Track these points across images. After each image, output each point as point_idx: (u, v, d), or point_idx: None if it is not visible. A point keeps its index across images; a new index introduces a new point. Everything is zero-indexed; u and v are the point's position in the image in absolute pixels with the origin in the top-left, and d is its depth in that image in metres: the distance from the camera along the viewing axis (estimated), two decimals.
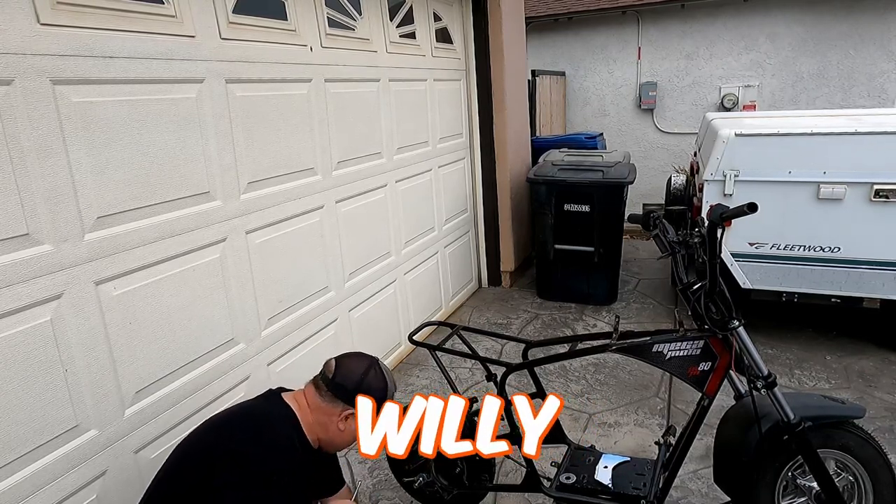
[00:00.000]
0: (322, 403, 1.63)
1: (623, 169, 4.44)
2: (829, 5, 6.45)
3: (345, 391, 1.63)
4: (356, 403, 1.61)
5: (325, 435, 1.66)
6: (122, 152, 1.91)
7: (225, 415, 1.67)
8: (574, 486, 2.03)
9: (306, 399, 1.66)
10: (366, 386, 1.65)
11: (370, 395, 1.63)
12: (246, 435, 1.52)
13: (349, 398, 1.62)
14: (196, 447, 1.56)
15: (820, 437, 1.74)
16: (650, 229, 1.92)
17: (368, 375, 1.68)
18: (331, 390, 1.63)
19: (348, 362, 1.70)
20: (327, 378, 1.65)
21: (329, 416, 1.63)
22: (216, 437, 1.55)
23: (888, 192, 3.13)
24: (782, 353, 3.68)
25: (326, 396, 1.63)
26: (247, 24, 2.42)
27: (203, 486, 1.44)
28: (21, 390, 1.66)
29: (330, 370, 1.66)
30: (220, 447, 1.50)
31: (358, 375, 1.66)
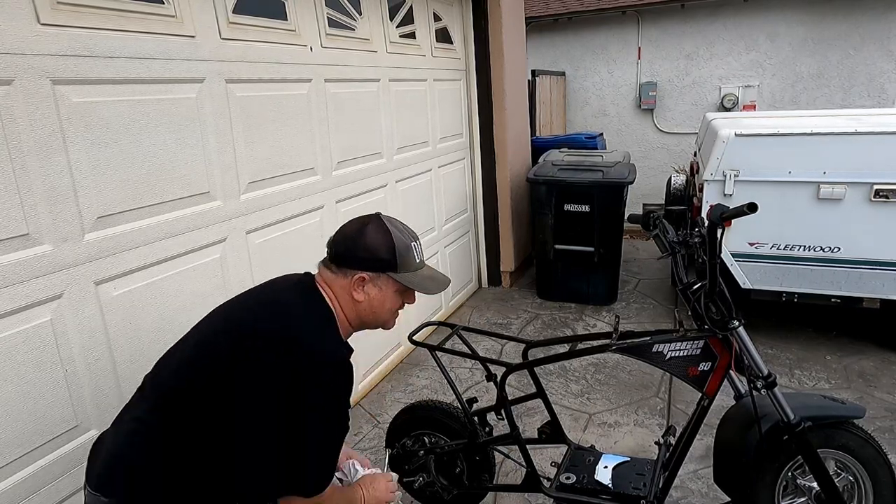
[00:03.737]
0: (334, 279, 1.45)
1: (623, 169, 4.44)
2: (829, 5, 6.45)
3: (343, 257, 1.45)
4: (362, 264, 1.42)
5: (353, 314, 1.47)
6: (122, 152, 1.91)
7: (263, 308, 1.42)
8: (574, 486, 2.03)
9: (326, 284, 1.46)
10: (365, 241, 1.43)
11: (380, 251, 1.43)
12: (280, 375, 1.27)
13: (350, 262, 1.43)
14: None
15: (820, 437, 1.74)
16: (650, 229, 1.92)
17: (366, 232, 1.45)
18: (335, 262, 1.46)
19: (344, 228, 1.50)
20: (330, 252, 1.49)
21: (342, 291, 1.44)
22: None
23: (888, 192, 3.13)
24: (782, 353, 3.68)
25: (334, 271, 1.45)
26: (247, 24, 2.42)
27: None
28: (21, 390, 1.66)
29: (331, 243, 1.50)
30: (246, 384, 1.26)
31: (354, 232, 1.46)
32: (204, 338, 1.39)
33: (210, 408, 1.26)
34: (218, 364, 1.29)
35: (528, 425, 2.98)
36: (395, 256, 1.44)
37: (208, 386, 1.28)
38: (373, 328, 1.55)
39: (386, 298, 1.48)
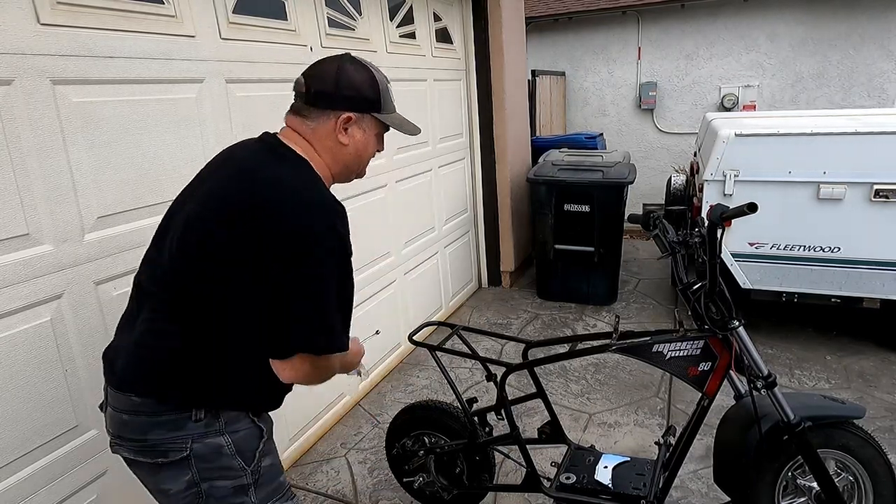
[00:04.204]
0: (314, 126, 1.35)
1: (623, 169, 4.44)
2: (829, 5, 6.45)
3: (326, 95, 1.34)
4: (347, 104, 1.34)
5: (337, 161, 1.39)
6: (123, 152, 1.91)
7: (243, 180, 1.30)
8: (574, 486, 2.03)
9: (300, 136, 1.36)
10: (346, 77, 1.34)
11: (363, 89, 1.36)
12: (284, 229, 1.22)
13: (335, 102, 1.34)
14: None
15: (820, 437, 1.74)
16: (650, 229, 1.92)
17: (347, 70, 1.35)
18: (312, 104, 1.34)
19: (317, 67, 1.38)
20: (304, 95, 1.35)
21: (327, 136, 1.35)
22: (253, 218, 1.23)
23: (888, 192, 3.13)
24: (782, 353, 3.68)
25: (313, 115, 1.34)
26: (247, 24, 2.42)
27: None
28: (21, 390, 1.66)
29: (301, 87, 1.36)
30: (251, 242, 1.21)
31: (332, 71, 1.35)
32: (192, 224, 1.28)
33: (222, 287, 1.23)
34: (222, 247, 1.23)
35: (528, 425, 2.98)
36: (380, 95, 1.38)
37: (210, 270, 1.23)
38: (349, 179, 1.47)
39: (369, 142, 1.42)
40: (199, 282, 1.24)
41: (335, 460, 2.85)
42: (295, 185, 1.28)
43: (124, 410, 1.26)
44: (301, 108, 1.37)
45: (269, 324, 1.23)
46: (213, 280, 1.23)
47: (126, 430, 1.27)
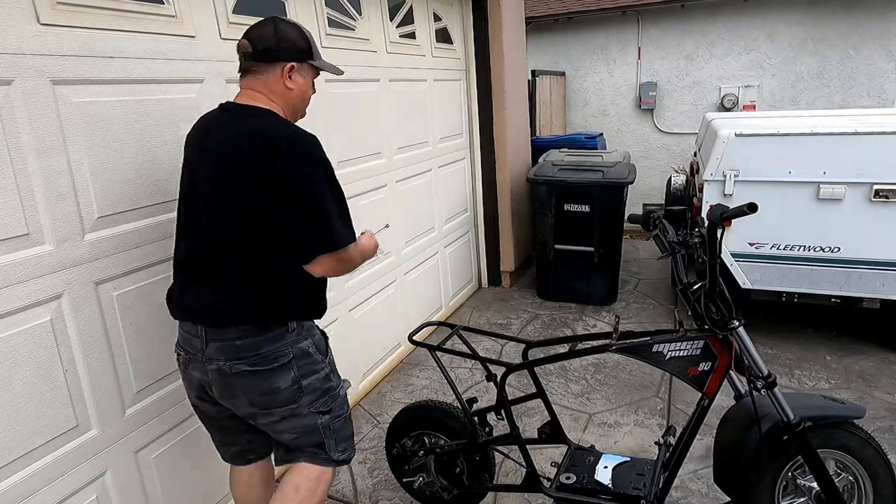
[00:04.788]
0: (265, 78, 1.65)
1: (623, 169, 4.44)
2: (829, 5, 6.45)
3: (271, 49, 1.64)
4: (287, 56, 1.65)
5: (288, 104, 1.70)
6: (123, 152, 1.91)
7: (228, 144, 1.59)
8: (574, 487, 2.03)
9: (254, 89, 1.66)
10: (283, 34, 1.65)
11: (302, 40, 1.68)
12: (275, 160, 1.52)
13: (281, 55, 1.64)
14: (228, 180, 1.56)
15: (820, 437, 1.74)
16: (650, 229, 1.92)
17: (281, 27, 1.66)
18: (260, 59, 1.64)
19: (256, 29, 1.67)
20: (251, 54, 1.64)
21: (276, 83, 1.66)
22: (241, 172, 1.54)
23: (888, 192, 3.13)
24: (782, 353, 3.68)
25: (262, 69, 1.65)
26: (247, 24, 2.39)
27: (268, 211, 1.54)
28: (21, 390, 1.66)
29: (247, 47, 1.64)
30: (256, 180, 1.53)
31: (272, 31, 1.65)
32: (211, 188, 1.59)
33: (258, 231, 1.55)
34: (241, 200, 1.54)
35: (528, 425, 2.99)
36: (310, 45, 1.71)
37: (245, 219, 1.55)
38: (296, 119, 1.74)
39: (308, 85, 1.75)
40: (242, 232, 1.56)
41: None
42: (273, 129, 1.57)
43: (236, 338, 1.58)
44: (250, 66, 1.66)
45: (291, 239, 1.55)
46: (251, 228, 1.55)
47: (243, 350, 1.58)
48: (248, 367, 1.58)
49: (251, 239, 1.56)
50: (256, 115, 1.62)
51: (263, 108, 1.64)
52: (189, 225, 1.67)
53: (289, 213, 1.53)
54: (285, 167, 1.51)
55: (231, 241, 1.57)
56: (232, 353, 1.58)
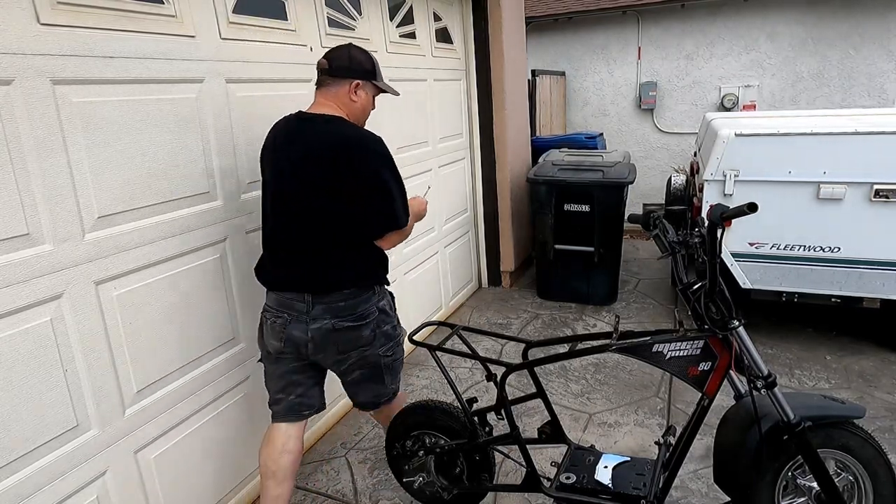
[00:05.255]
0: (336, 91, 2.02)
1: (623, 169, 4.44)
2: (829, 5, 6.45)
3: (344, 68, 2.01)
4: (358, 74, 2.03)
5: (352, 114, 2.06)
6: (122, 152, 1.91)
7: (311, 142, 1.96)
8: (574, 486, 2.03)
9: (328, 101, 2.03)
10: (354, 57, 2.04)
11: (369, 62, 2.07)
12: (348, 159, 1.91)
13: (350, 73, 2.02)
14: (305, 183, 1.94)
15: (820, 437, 1.74)
16: (650, 229, 1.92)
17: (354, 51, 2.06)
18: (334, 76, 2.01)
19: (334, 51, 2.05)
20: (327, 70, 2.01)
21: (345, 95, 2.03)
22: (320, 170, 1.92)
23: (888, 192, 3.13)
24: (782, 353, 3.68)
25: (334, 84, 2.02)
26: (247, 24, 2.42)
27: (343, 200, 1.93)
28: (21, 390, 1.66)
29: (324, 65, 2.01)
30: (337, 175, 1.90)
31: (346, 53, 2.04)
32: (302, 181, 1.95)
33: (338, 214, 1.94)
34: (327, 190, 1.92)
35: (528, 425, 2.99)
36: (374, 68, 2.09)
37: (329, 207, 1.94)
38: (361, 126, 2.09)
39: (368, 101, 2.11)
40: (330, 216, 1.94)
41: (335, 460, 2.85)
42: (346, 132, 1.96)
43: (340, 300, 1.98)
44: (325, 80, 2.03)
45: (367, 221, 1.97)
46: (337, 213, 1.94)
47: (346, 310, 1.99)
48: (349, 323, 1.99)
49: (338, 222, 1.95)
50: (332, 121, 1.97)
51: (336, 116, 1.99)
52: (281, 212, 2.01)
53: (363, 200, 1.93)
54: (359, 163, 1.91)
55: (323, 224, 1.95)
56: (336, 312, 1.98)
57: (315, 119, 1.99)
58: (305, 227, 1.96)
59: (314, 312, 1.97)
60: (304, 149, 1.95)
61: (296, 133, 2.00)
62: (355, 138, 1.94)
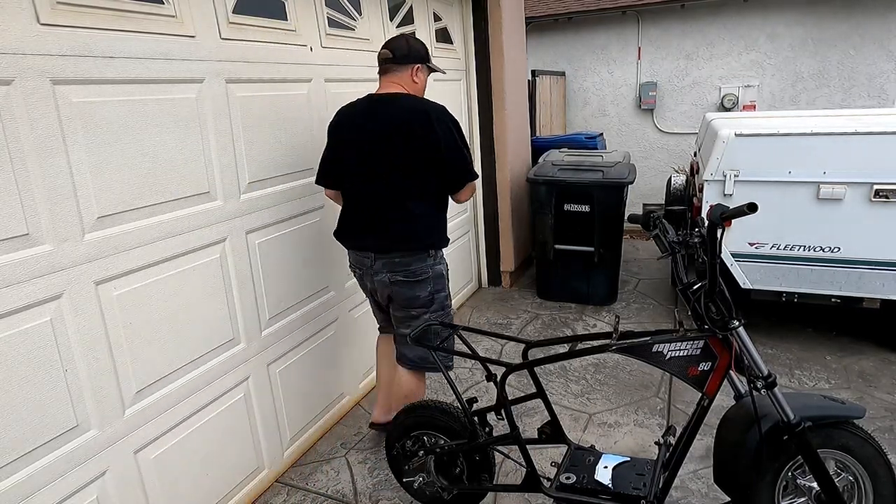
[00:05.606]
0: (400, 75, 2.40)
1: (623, 169, 4.44)
2: (829, 5, 6.45)
3: (406, 55, 2.39)
4: (416, 59, 2.42)
5: (415, 92, 2.45)
6: (122, 152, 1.91)
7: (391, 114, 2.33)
8: (574, 487, 2.03)
9: (394, 82, 2.40)
10: (412, 45, 2.42)
11: (424, 49, 2.47)
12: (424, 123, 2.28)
13: (410, 59, 2.40)
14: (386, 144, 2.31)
15: (820, 437, 1.74)
16: (650, 229, 1.92)
17: (411, 40, 2.45)
18: (399, 62, 2.38)
19: (392, 41, 2.42)
20: (391, 58, 2.37)
21: (408, 77, 2.42)
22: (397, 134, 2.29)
23: (888, 192, 3.13)
24: (782, 353, 3.68)
25: (397, 69, 2.39)
26: (247, 24, 2.42)
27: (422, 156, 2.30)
28: (21, 390, 1.66)
29: (387, 54, 2.37)
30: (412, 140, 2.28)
31: (405, 42, 2.41)
32: (382, 152, 2.32)
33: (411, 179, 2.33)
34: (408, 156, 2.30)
35: (528, 425, 2.99)
36: (427, 53, 2.49)
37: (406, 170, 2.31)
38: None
39: (424, 80, 2.51)
40: (404, 180, 2.31)
41: (335, 460, 2.85)
42: (418, 104, 2.35)
43: (396, 257, 2.34)
44: (390, 67, 2.40)
45: (446, 177, 2.35)
46: (410, 175, 2.31)
47: (401, 266, 2.35)
48: (401, 277, 2.36)
49: (416, 185, 2.32)
50: (403, 97, 2.36)
51: (405, 94, 2.38)
52: (359, 181, 2.38)
53: (441, 158, 2.29)
54: (434, 126, 2.27)
55: (398, 191, 2.31)
56: (393, 268, 2.36)
57: (388, 98, 2.36)
58: (383, 188, 2.33)
59: (376, 267, 2.39)
60: (385, 121, 2.30)
61: (374, 110, 2.35)
62: (427, 108, 2.32)
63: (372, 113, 2.35)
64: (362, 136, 2.35)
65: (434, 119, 2.28)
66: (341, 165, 2.44)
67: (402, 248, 2.34)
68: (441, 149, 2.27)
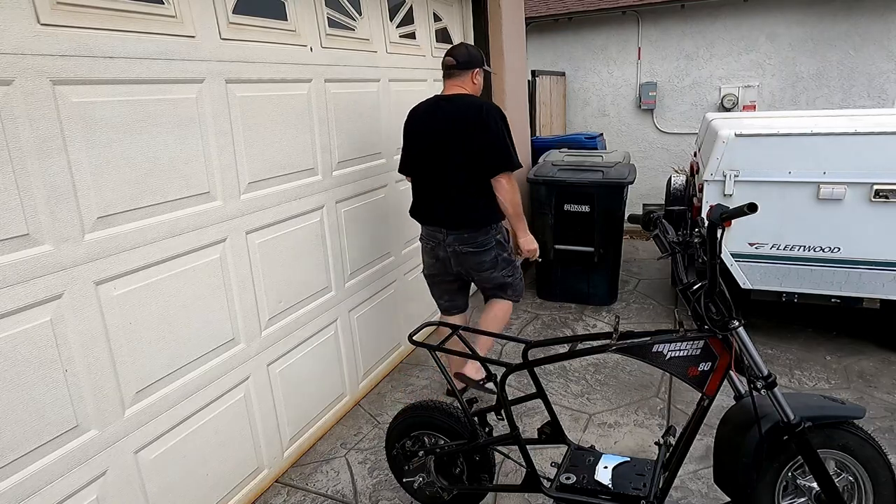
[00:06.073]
0: (462, 79, 2.88)
1: (623, 169, 4.44)
2: (829, 6, 6.46)
3: (466, 62, 2.86)
4: (475, 64, 2.91)
5: (475, 92, 2.93)
6: (122, 152, 1.91)
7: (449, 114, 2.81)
8: (574, 487, 2.03)
9: (457, 85, 2.88)
10: (472, 52, 2.90)
11: (480, 56, 2.93)
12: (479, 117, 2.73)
13: (471, 65, 2.88)
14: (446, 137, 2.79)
15: (820, 437, 1.74)
16: (650, 229, 1.92)
17: (470, 48, 2.92)
18: (462, 68, 2.86)
19: (454, 49, 2.89)
20: (455, 65, 2.85)
21: (469, 80, 2.90)
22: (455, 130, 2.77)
23: (888, 192, 3.13)
24: (782, 353, 3.68)
25: (460, 74, 2.87)
26: (247, 25, 2.42)
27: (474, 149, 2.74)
28: (21, 390, 1.66)
29: (451, 62, 2.85)
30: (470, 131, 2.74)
31: (465, 50, 2.89)
32: (446, 142, 2.78)
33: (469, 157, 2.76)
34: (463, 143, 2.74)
35: (528, 425, 2.98)
36: (483, 58, 2.95)
37: (466, 157, 2.76)
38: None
39: (481, 82, 2.97)
40: (467, 167, 2.76)
41: (335, 460, 2.85)
42: (476, 102, 2.81)
43: (465, 232, 2.84)
44: (453, 72, 2.88)
45: (487, 164, 2.74)
46: (472, 163, 2.75)
47: (468, 240, 2.84)
48: (470, 249, 2.86)
49: (472, 170, 2.75)
50: (466, 97, 2.85)
51: (465, 93, 2.86)
52: (430, 169, 2.87)
53: (488, 147, 2.71)
54: (487, 121, 2.71)
55: (462, 177, 2.77)
56: (462, 241, 2.85)
57: (451, 97, 2.85)
58: (448, 174, 2.80)
59: (448, 240, 2.87)
60: (447, 117, 2.79)
61: (438, 107, 2.86)
62: (481, 103, 2.78)
63: (437, 110, 2.85)
64: (428, 130, 2.85)
65: (485, 111, 2.73)
66: (412, 156, 2.93)
67: (468, 225, 2.82)
68: (487, 135, 2.69)
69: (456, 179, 2.78)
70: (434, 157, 2.82)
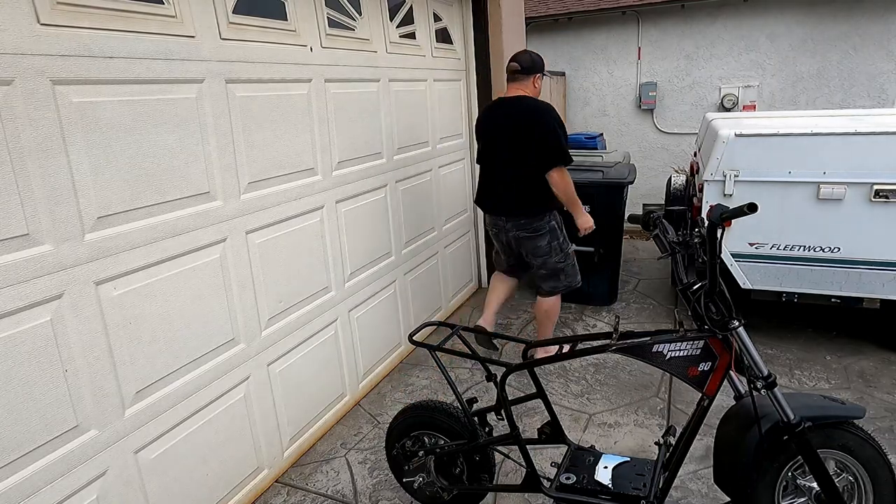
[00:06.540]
0: (525, 83, 3.25)
1: (623, 169, 4.44)
2: (829, 6, 6.46)
3: (529, 67, 3.23)
4: (537, 70, 3.27)
5: (535, 94, 3.27)
6: (123, 152, 1.91)
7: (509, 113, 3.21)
8: (574, 487, 2.03)
9: (520, 88, 3.23)
10: (535, 58, 3.25)
11: (542, 61, 3.28)
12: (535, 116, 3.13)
13: (533, 70, 3.24)
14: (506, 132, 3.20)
15: (820, 437, 1.74)
16: (650, 229, 1.92)
17: (533, 55, 3.26)
18: (525, 73, 3.22)
19: (519, 56, 3.26)
20: (519, 70, 3.22)
21: (531, 84, 3.26)
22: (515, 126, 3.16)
23: (888, 192, 3.13)
24: (782, 353, 3.68)
25: (523, 78, 3.23)
26: (247, 25, 2.42)
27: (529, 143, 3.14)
28: (21, 390, 1.66)
29: (515, 68, 3.22)
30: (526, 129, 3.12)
31: (529, 57, 3.24)
32: (508, 138, 3.18)
33: (527, 159, 3.14)
34: (524, 141, 3.12)
35: (528, 425, 2.98)
36: (544, 64, 3.30)
37: (525, 151, 3.13)
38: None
39: (541, 86, 3.31)
40: (525, 161, 3.13)
41: (335, 460, 2.85)
42: (534, 103, 3.18)
43: (521, 219, 3.23)
44: (516, 77, 3.24)
45: (542, 158, 3.11)
46: (528, 157, 3.12)
47: (525, 225, 3.24)
48: (525, 233, 3.26)
49: (528, 164, 3.11)
50: (526, 98, 3.20)
51: (527, 96, 3.21)
52: (493, 162, 3.28)
53: (543, 144, 3.07)
54: (543, 121, 3.08)
55: (519, 169, 3.14)
56: (519, 227, 3.25)
57: (513, 99, 3.21)
58: (508, 167, 3.17)
59: (507, 227, 3.28)
60: (509, 117, 3.17)
61: (502, 108, 3.25)
62: (539, 104, 3.16)
63: (501, 110, 3.25)
64: (492, 127, 3.25)
65: (541, 112, 3.11)
66: (478, 151, 3.40)
67: (525, 213, 3.19)
68: (542, 133, 3.05)
69: (515, 172, 3.15)
70: (495, 152, 3.23)
